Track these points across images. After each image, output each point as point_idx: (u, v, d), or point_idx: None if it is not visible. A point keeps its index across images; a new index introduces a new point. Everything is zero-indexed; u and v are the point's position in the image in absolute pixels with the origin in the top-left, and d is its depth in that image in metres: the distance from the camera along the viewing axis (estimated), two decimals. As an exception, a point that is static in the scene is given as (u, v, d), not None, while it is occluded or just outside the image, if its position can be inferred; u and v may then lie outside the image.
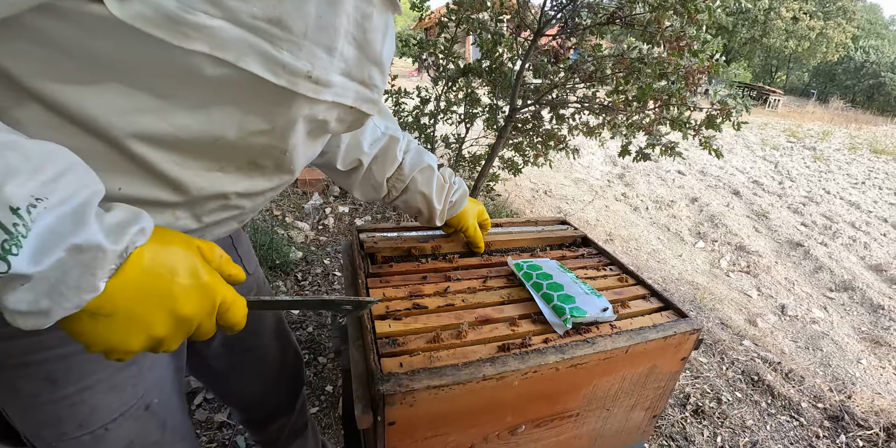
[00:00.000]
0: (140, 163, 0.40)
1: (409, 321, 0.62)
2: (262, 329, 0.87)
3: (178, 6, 0.31)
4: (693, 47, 1.87)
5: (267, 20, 0.35)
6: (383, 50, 0.47)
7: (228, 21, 0.34)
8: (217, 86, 0.37)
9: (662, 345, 0.65)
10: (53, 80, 0.33)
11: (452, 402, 0.53)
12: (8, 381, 0.50)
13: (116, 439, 0.57)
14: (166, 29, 0.32)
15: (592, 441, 0.73)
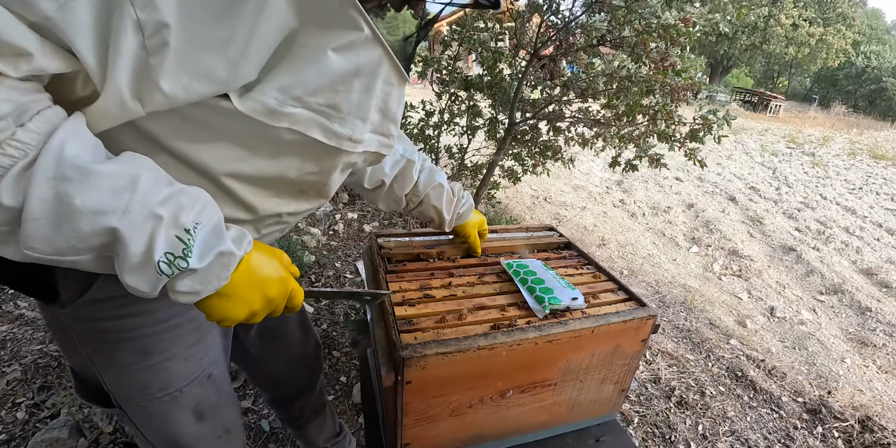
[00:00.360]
0: (228, 192, 0.57)
1: (420, 307, 0.79)
2: (289, 321, 1.03)
3: (276, 102, 0.49)
4: (676, 67, 2.04)
5: (327, 106, 0.53)
6: (398, 111, 0.64)
7: (304, 108, 0.52)
8: (289, 145, 0.55)
9: (623, 327, 0.81)
10: (182, 139, 0.51)
11: (454, 366, 0.69)
12: (110, 353, 0.67)
13: (187, 400, 0.73)
14: (266, 116, 0.49)
15: (570, 409, 0.89)
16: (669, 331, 2.56)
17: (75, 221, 0.41)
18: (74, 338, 0.65)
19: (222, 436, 0.79)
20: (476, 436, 0.82)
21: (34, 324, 1.93)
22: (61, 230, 0.42)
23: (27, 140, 0.40)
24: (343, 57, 0.51)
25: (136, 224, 0.44)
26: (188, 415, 0.73)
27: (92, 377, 0.71)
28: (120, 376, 0.68)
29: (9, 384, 1.60)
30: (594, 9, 2.08)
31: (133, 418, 0.72)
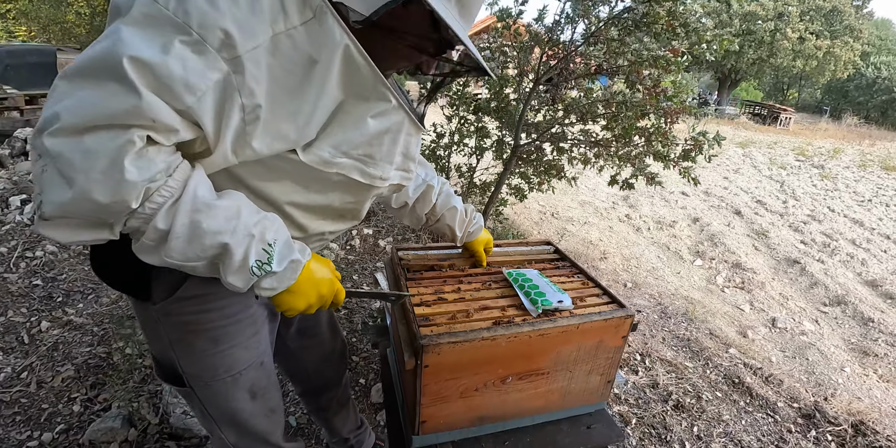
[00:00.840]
0: (287, 216, 0.77)
1: (435, 307, 0.97)
2: (322, 322, 1.21)
3: (329, 155, 0.70)
4: (668, 93, 2.22)
5: (365, 155, 0.74)
6: (416, 151, 0.85)
7: (348, 158, 0.72)
8: (335, 184, 0.75)
9: (605, 325, 0.97)
10: (258, 179, 0.71)
11: (463, 354, 0.86)
12: (189, 341, 0.84)
13: (245, 381, 0.90)
14: (322, 165, 0.70)
15: (562, 396, 1.04)
16: (669, 340, 2.68)
17: (202, 238, 0.61)
18: (161, 329, 0.83)
19: (268, 415, 0.97)
20: (481, 417, 0.98)
21: (82, 329, 2.14)
22: (192, 244, 0.61)
23: (174, 186, 0.59)
24: (377, 121, 0.71)
25: (239, 240, 0.64)
26: (244, 394, 0.90)
27: (169, 363, 0.88)
28: (195, 360, 0.85)
29: (63, 381, 1.80)
30: (591, 41, 2.27)
31: (200, 396, 0.89)
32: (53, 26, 11.91)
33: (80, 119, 0.51)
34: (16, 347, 1.98)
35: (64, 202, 0.53)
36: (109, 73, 0.52)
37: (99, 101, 0.52)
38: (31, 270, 2.56)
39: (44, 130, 0.52)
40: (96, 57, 0.52)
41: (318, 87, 0.63)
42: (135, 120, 0.53)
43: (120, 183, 0.54)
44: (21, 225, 3.00)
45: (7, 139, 4.36)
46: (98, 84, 0.52)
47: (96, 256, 0.78)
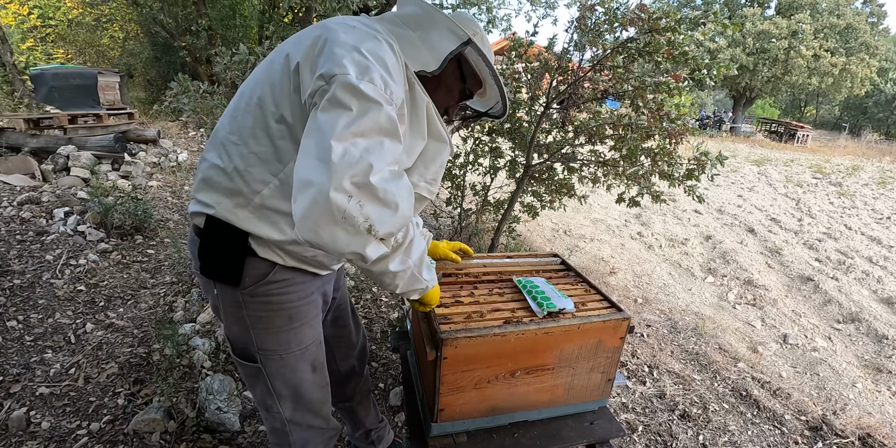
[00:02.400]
0: None
1: (453, 308, 1.10)
2: (349, 315, 1.37)
3: (416, 179, 0.96)
4: (671, 115, 2.35)
5: (432, 179, 1.00)
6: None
7: (426, 182, 0.98)
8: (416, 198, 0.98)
9: (603, 326, 1.09)
10: None
11: (477, 348, 0.98)
12: (270, 319, 0.99)
13: (309, 355, 1.06)
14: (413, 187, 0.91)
15: (566, 391, 1.15)
16: (678, 354, 2.75)
17: (412, 259, 0.89)
18: (244, 311, 0.98)
19: (324, 386, 1.14)
20: (493, 408, 1.10)
21: (123, 331, 2.31)
22: (416, 251, 0.90)
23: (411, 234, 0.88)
24: (442, 156, 0.98)
25: (427, 264, 0.94)
26: (308, 366, 1.07)
27: (243, 344, 1.03)
28: (272, 336, 1.01)
29: (108, 377, 1.96)
30: (597, 68, 2.43)
31: (268, 371, 1.04)
32: (89, 49, 12.59)
33: (385, 163, 0.77)
34: (63, 346, 2.15)
35: (393, 221, 0.77)
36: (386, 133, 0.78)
37: (389, 151, 0.78)
38: (75, 277, 2.76)
39: (367, 174, 0.74)
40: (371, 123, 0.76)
41: (418, 129, 0.92)
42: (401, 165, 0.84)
43: (410, 206, 0.82)
44: (65, 235, 3.23)
45: (51, 155, 4.67)
46: (381, 141, 0.78)
47: (203, 255, 0.96)
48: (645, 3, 2.25)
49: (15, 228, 3.22)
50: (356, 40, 0.80)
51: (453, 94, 1.04)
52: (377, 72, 0.77)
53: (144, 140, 5.61)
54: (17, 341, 2.14)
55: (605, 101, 2.59)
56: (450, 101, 1.05)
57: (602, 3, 2.32)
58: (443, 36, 0.92)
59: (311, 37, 0.84)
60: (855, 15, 17.57)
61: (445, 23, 0.92)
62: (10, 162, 4.52)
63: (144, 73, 12.21)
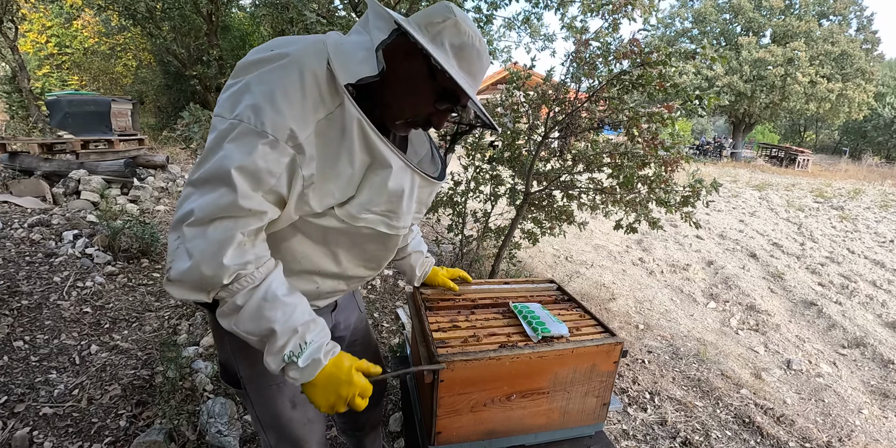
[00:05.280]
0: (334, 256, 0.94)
1: (450, 332, 1.13)
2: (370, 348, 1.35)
3: (357, 211, 0.86)
4: (665, 144, 2.43)
5: (388, 211, 0.89)
6: (429, 199, 1.01)
7: (374, 214, 0.88)
8: (366, 235, 0.91)
9: (596, 350, 1.12)
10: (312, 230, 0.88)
11: (473, 371, 1.01)
12: (247, 351, 0.98)
13: (287, 391, 1.05)
14: (350, 219, 0.86)
15: (562, 415, 1.17)
16: (680, 380, 2.74)
17: (260, 320, 0.80)
18: (227, 338, 0.99)
19: (306, 424, 1.11)
20: (489, 431, 1.12)
21: (128, 353, 2.33)
22: (252, 322, 0.80)
23: (257, 276, 0.80)
24: (394, 183, 0.86)
25: (285, 331, 0.80)
26: (286, 401, 1.06)
27: (232, 369, 1.04)
28: (251, 367, 1.00)
29: (111, 399, 1.97)
30: (592, 99, 2.53)
31: (252, 399, 1.05)
32: (103, 76, 13.01)
33: (203, 214, 0.75)
34: (68, 367, 2.18)
35: (183, 270, 0.75)
36: (222, 180, 0.75)
37: (213, 200, 0.75)
38: (81, 299, 2.81)
39: (184, 221, 0.75)
40: (212, 170, 0.75)
41: (349, 153, 0.81)
42: (235, 212, 0.75)
43: (220, 264, 0.75)
44: (73, 257, 3.29)
45: (62, 179, 4.79)
46: (214, 189, 0.75)
47: None
48: (638, 37, 2.37)
49: (25, 250, 3.29)
50: (250, 74, 0.78)
51: (425, 98, 0.89)
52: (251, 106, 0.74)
53: (153, 165, 5.75)
54: (23, 361, 2.17)
55: (602, 130, 2.68)
56: (424, 107, 0.90)
57: (597, 38, 2.44)
58: (378, 28, 0.82)
59: None
60: (849, 42, 17.98)
61: (374, 9, 0.84)
62: (22, 185, 4.64)
63: (155, 100, 12.57)
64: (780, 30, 18.53)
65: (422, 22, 0.83)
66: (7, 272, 2.91)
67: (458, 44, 0.84)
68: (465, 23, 0.84)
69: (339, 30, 3.89)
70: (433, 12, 0.83)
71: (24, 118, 8.72)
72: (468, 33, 0.84)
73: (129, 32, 11.05)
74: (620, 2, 2.51)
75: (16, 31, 8.45)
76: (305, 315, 0.84)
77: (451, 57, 0.83)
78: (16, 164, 4.94)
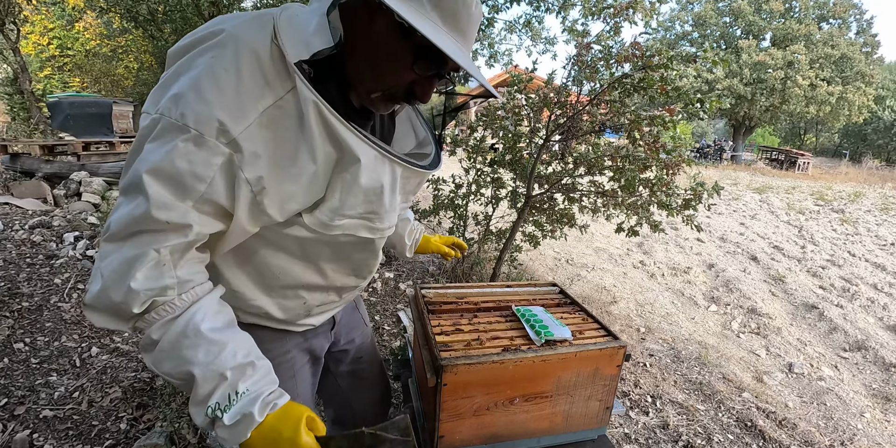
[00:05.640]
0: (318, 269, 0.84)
1: (453, 336, 1.13)
2: (374, 366, 1.30)
3: (328, 218, 0.72)
4: (667, 147, 2.43)
5: (368, 212, 0.76)
6: (418, 187, 0.88)
7: (351, 218, 0.74)
8: (347, 243, 0.80)
9: (600, 354, 1.12)
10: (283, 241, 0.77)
11: (476, 375, 1.01)
12: None
13: None
14: (322, 228, 0.74)
15: (565, 419, 1.17)
16: (681, 383, 2.73)
17: (177, 361, 0.66)
18: None
19: None
20: (493, 435, 1.12)
21: (128, 355, 2.33)
22: (170, 361, 0.66)
23: (179, 305, 0.66)
24: (368, 178, 0.71)
25: (207, 376, 0.65)
26: None
27: None
28: None
29: (112, 402, 1.97)
30: (594, 102, 2.53)
31: None
32: (104, 78, 13.03)
33: (118, 228, 0.63)
34: (68, 370, 2.18)
35: (94, 293, 0.64)
36: (137, 188, 0.62)
37: (128, 211, 0.63)
38: (82, 301, 2.80)
39: (103, 236, 0.66)
40: (129, 177, 0.64)
41: (309, 146, 0.66)
42: (149, 224, 0.63)
43: (128, 288, 0.62)
44: (74, 259, 3.29)
45: (63, 181, 4.79)
46: (132, 199, 0.63)
47: None
48: (640, 40, 2.38)
49: (25, 252, 3.29)
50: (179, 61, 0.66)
51: (401, 63, 0.71)
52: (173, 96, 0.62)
53: (155, 166, 5.75)
54: (24, 363, 2.17)
55: (604, 133, 2.68)
56: (402, 74, 0.72)
57: (598, 42, 2.44)
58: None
59: None
60: (849, 45, 18.03)
61: None
62: (23, 186, 4.65)
63: (157, 102, 12.56)
64: (780, 33, 18.58)
65: None
66: (8, 274, 2.91)
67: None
68: None
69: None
70: None
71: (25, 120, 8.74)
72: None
73: (131, 35, 11.09)
74: (622, 5, 2.52)
75: (18, 33, 8.47)
76: (239, 356, 0.68)
77: (428, 8, 0.65)
78: (17, 165, 4.95)
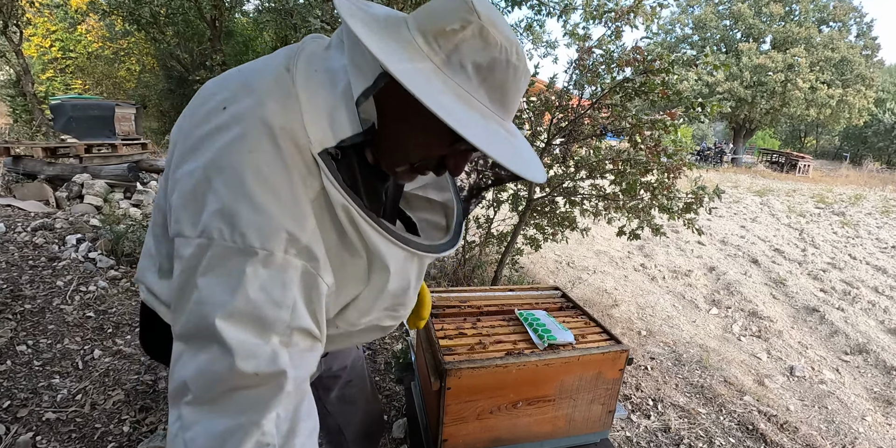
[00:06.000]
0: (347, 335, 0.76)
1: (456, 339, 1.14)
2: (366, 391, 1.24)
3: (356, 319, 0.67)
4: (668, 151, 2.44)
5: (393, 306, 0.71)
6: None
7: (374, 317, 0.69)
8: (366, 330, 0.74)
9: (602, 358, 1.12)
10: None
11: (480, 378, 1.02)
12: None
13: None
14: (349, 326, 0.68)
15: (567, 423, 1.17)
16: (682, 386, 2.73)
17: None
18: None
19: None
20: (496, 438, 1.12)
21: (131, 358, 2.33)
22: None
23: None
24: (398, 282, 0.67)
25: None
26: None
27: None
28: None
29: (114, 404, 1.97)
30: (595, 106, 2.54)
31: None
32: (106, 81, 13.09)
33: (200, 391, 0.51)
34: (71, 372, 2.18)
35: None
36: (208, 337, 0.51)
37: (205, 367, 0.51)
38: (84, 303, 2.81)
39: (181, 398, 0.52)
40: (193, 323, 0.52)
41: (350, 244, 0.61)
42: (237, 380, 0.51)
43: None
44: (76, 261, 3.29)
45: (66, 183, 4.81)
46: (203, 349, 0.51)
47: (145, 335, 0.80)
48: (641, 44, 2.39)
49: (28, 254, 3.30)
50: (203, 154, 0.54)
51: (437, 138, 0.62)
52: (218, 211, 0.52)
53: (156, 170, 5.77)
54: (26, 366, 2.17)
55: (605, 136, 2.69)
56: (436, 148, 0.64)
57: (599, 46, 2.46)
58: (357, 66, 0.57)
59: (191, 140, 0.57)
60: (849, 48, 18.07)
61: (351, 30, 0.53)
62: (26, 188, 4.66)
63: (158, 105, 12.64)
64: (781, 36, 18.63)
65: (429, 29, 0.56)
66: (10, 276, 2.92)
67: (485, 63, 0.57)
68: (495, 27, 0.56)
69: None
70: (445, 12, 0.56)
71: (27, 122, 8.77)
72: (499, 44, 0.57)
73: (133, 37, 11.14)
74: (623, 9, 2.53)
75: (20, 36, 8.51)
76: None
77: (475, 83, 0.57)
78: (19, 167, 4.96)
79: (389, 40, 0.54)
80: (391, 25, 0.57)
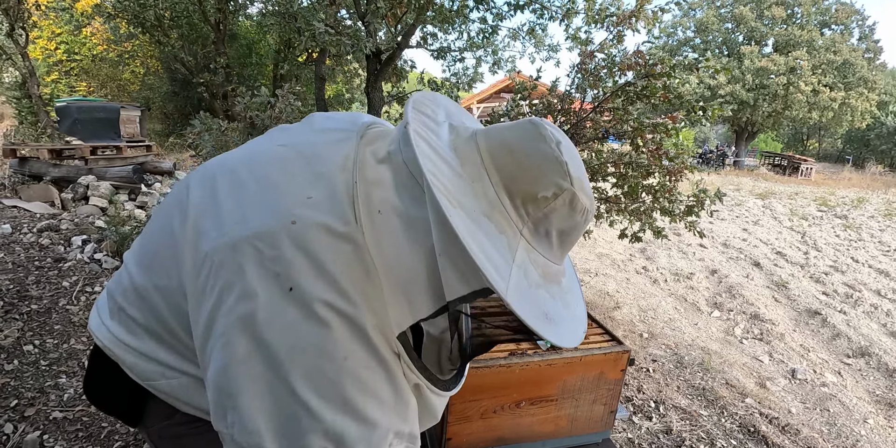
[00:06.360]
0: None
1: (460, 340, 1.16)
2: None
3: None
4: (670, 155, 2.46)
5: None
6: None
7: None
8: None
9: (604, 358, 1.14)
10: None
11: (484, 378, 1.03)
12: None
13: None
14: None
15: (570, 422, 1.19)
16: (684, 389, 2.74)
17: None
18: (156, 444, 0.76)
19: None
20: (499, 438, 1.14)
21: (137, 362, 2.36)
22: None
23: None
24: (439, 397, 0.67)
25: None
26: None
27: None
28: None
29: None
30: (598, 109, 2.56)
31: None
32: (111, 83, 13.17)
33: None
34: (77, 372, 2.20)
35: None
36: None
37: None
38: (90, 304, 2.84)
39: None
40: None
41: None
42: None
43: None
44: (81, 262, 3.32)
45: (71, 185, 4.84)
46: None
47: (90, 384, 0.75)
48: (642, 48, 2.41)
49: (34, 255, 3.33)
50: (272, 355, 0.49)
51: None
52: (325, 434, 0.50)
53: (161, 172, 5.81)
54: (33, 365, 2.20)
55: (607, 140, 2.71)
56: None
57: (601, 50, 2.48)
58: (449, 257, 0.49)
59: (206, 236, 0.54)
60: (851, 51, 18.06)
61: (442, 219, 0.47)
62: (31, 190, 4.70)
63: (162, 107, 12.71)
64: (783, 39, 18.63)
65: (517, 191, 0.52)
66: (17, 276, 2.95)
67: (568, 229, 0.56)
68: (583, 190, 0.54)
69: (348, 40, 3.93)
70: (538, 174, 0.52)
71: (33, 124, 8.83)
72: (584, 208, 0.55)
73: (138, 40, 11.21)
74: (625, 14, 2.56)
75: (26, 38, 8.58)
76: None
77: (555, 248, 0.57)
78: (25, 169, 5.01)
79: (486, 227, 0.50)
80: (470, 175, 0.52)
